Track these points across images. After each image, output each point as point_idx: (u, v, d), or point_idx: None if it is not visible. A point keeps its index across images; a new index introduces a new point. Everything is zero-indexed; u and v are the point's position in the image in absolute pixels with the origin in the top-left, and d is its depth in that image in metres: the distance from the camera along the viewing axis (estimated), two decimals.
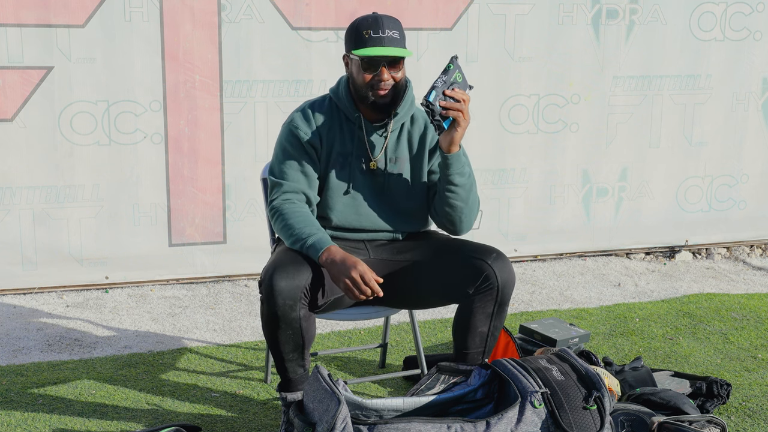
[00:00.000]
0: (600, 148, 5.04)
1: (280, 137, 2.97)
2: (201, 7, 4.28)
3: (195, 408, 3.20)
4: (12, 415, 3.11)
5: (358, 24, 2.84)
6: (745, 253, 5.38)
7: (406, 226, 3.04)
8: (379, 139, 2.96)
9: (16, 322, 4.04)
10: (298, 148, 2.92)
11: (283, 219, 2.85)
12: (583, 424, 2.54)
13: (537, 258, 5.12)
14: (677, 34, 4.98)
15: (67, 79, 4.19)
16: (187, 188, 4.45)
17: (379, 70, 2.83)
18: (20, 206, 4.26)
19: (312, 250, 2.76)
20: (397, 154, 2.98)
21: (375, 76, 2.84)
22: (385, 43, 2.80)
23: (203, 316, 4.18)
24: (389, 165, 2.97)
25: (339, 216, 2.97)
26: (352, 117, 2.95)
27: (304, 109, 2.97)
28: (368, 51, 2.80)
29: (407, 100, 2.95)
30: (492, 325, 2.88)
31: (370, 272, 2.72)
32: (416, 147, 3.00)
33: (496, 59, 4.75)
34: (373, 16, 2.85)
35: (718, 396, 3.22)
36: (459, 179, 2.90)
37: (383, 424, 2.48)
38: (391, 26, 2.82)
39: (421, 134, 3.01)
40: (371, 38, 2.80)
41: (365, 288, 2.71)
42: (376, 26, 2.81)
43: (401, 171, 2.98)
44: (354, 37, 2.85)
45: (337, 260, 2.73)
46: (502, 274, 2.82)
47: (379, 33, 2.80)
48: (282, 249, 2.89)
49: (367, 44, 2.81)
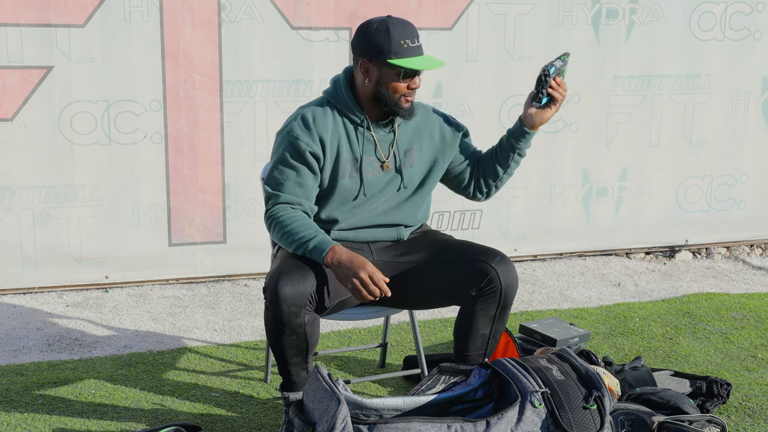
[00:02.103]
0: (600, 148, 5.04)
1: (278, 147, 2.89)
2: (201, 6, 4.28)
3: (195, 408, 3.20)
4: (12, 415, 3.11)
5: (392, 33, 2.81)
6: (745, 252, 5.38)
7: (411, 219, 3.05)
8: (387, 136, 2.95)
9: (16, 321, 4.04)
10: (298, 158, 2.84)
11: (281, 226, 2.81)
12: (583, 423, 2.54)
13: (537, 258, 5.12)
14: (677, 34, 4.98)
15: (67, 78, 4.19)
16: (187, 188, 4.45)
17: (415, 79, 2.87)
18: (20, 206, 4.26)
19: (315, 252, 2.75)
20: (408, 146, 2.99)
21: (410, 85, 2.86)
22: (423, 52, 2.86)
23: (203, 315, 4.18)
24: (402, 159, 2.97)
25: (350, 220, 2.96)
26: (357, 119, 2.91)
27: (303, 117, 2.88)
28: (413, 62, 2.81)
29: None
30: (494, 328, 2.88)
31: (378, 272, 2.72)
32: (425, 135, 3.01)
33: (496, 59, 4.75)
34: (401, 24, 2.83)
35: (718, 396, 3.23)
36: (523, 155, 3.05)
37: (383, 423, 2.48)
38: (417, 33, 2.86)
39: (428, 123, 3.03)
40: (410, 48, 2.81)
41: (374, 288, 2.71)
42: (411, 35, 2.82)
43: (414, 161, 2.99)
44: (390, 46, 2.80)
45: (343, 261, 2.72)
46: (505, 278, 2.81)
47: (416, 42, 2.83)
48: (285, 254, 2.87)
49: (408, 54, 2.81)
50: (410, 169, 2.98)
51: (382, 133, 2.94)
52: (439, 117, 3.07)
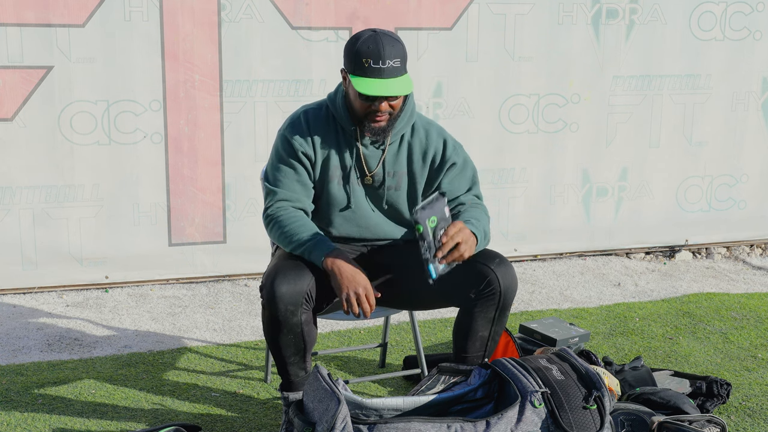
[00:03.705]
0: (600, 148, 5.04)
1: (276, 143, 2.90)
2: (201, 6, 4.28)
3: (195, 408, 3.20)
4: (12, 415, 3.11)
5: (359, 49, 2.70)
6: (745, 252, 5.38)
7: (408, 234, 3.01)
8: (376, 152, 2.89)
9: (16, 321, 4.04)
10: (292, 156, 2.85)
11: (280, 226, 2.80)
12: (583, 423, 2.54)
13: (537, 258, 5.12)
14: (677, 34, 4.98)
15: (67, 78, 4.19)
16: (187, 188, 4.45)
17: (377, 103, 2.74)
18: (20, 206, 4.26)
19: (315, 255, 2.74)
20: (395, 168, 2.90)
21: (372, 107, 2.75)
22: (386, 75, 2.68)
23: (203, 315, 4.18)
24: (388, 179, 2.90)
25: (339, 228, 2.94)
26: (348, 129, 2.87)
27: (299, 117, 2.88)
28: (367, 84, 2.68)
29: (407, 110, 2.86)
30: (493, 330, 2.87)
31: (371, 293, 2.71)
32: (417, 159, 2.91)
33: (496, 59, 4.75)
34: (374, 40, 2.69)
35: (718, 395, 3.22)
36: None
37: (383, 423, 2.48)
38: (392, 54, 2.68)
39: (423, 146, 2.91)
40: (371, 68, 2.67)
41: (365, 308, 2.69)
42: (377, 55, 2.67)
43: (400, 184, 2.92)
44: (353, 62, 2.71)
45: (342, 271, 2.70)
46: (504, 280, 2.80)
47: (380, 64, 2.67)
48: (282, 253, 2.87)
49: (367, 74, 2.68)
50: (395, 192, 2.92)
51: (372, 147, 2.88)
52: (440, 144, 2.92)
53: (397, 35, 2.77)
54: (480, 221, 2.82)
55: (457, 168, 2.92)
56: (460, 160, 2.93)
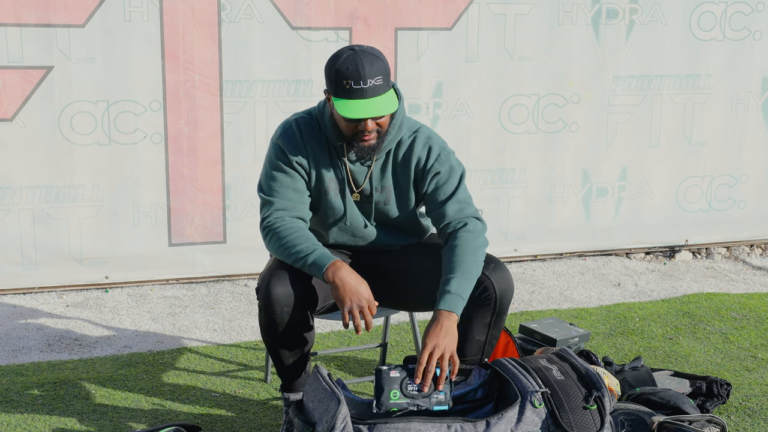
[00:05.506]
0: (600, 148, 5.04)
1: (269, 153, 2.84)
2: (201, 6, 4.28)
3: (195, 408, 3.20)
4: (12, 415, 3.11)
5: (338, 69, 2.61)
6: (745, 252, 5.38)
7: (404, 240, 2.99)
8: (362, 168, 2.83)
9: (16, 321, 4.04)
10: (286, 164, 2.79)
11: (278, 238, 2.74)
12: (583, 423, 2.54)
13: (537, 258, 5.12)
14: (677, 34, 4.98)
15: (67, 79, 4.19)
16: (187, 188, 4.45)
17: (362, 124, 2.67)
18: (20, 206, 4.26)
19: (314, 268, 2.68)
20: (383, 183, 2.85)
21: (358, 127, 2.69)
22: (368, 95, 2.61)
23: (203, 315, 4.18)
24: (375, 194, 2.85)
25: (335, 237, 2.93)
26: (335, 144, 2.81)
27: (291, 127, 2.82)
28: (350, 107, 2.61)
29: (395, 124, 2.78)
30: (490, 334, 2.86)
31: (374, 307, 2.67)
32: (402, 172, 2.86)
33: (496, 59, 4.75)
34: (353, 61, 2.60)
35: (718, 396, 3.22)
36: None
37: (383, 423, 2.49)
38: (373, 72, 2.60)
39: (407, 158, 2.84)
40: (353, 90, 2.59)
41: (369, 321, 2.65)
42: (357, 75, 2.58)
43: (389, 199, 2.87)
44: (334, 84, 2.62)
45: (346, 284, 2.64)
46: (500, 285, 2.78)
47: (361, 84, 2.59)
48: None
49: (350, 95, 2.60)
50: (385, 207, 2.89)
51: (358, 163, 2.83)
52: (424, 153, 2.84)
53: (378, 50, 2.68)
54: (460, 268, 2.70)
55: (441, 177, 2.84)
56: (444, 169, 2.84)
